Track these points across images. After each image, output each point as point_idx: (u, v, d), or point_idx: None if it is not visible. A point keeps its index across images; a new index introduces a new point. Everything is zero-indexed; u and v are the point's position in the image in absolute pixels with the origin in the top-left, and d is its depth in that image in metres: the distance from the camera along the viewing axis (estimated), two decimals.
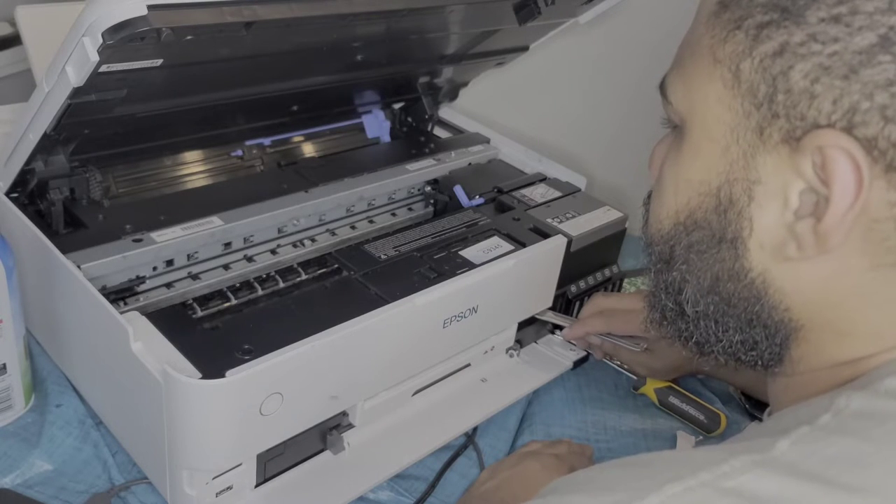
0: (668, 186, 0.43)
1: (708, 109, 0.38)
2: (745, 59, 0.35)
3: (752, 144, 0.37)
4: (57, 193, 0.71)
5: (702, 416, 0.80)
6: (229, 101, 0.76)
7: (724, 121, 0.38)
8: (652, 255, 0.47)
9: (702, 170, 0.40)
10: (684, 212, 0.42)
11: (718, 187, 0.39)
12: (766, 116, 0.36)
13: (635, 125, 1.14)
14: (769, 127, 0.36)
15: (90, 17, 0.51)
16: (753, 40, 0.34)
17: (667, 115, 0.44)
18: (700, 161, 0.40)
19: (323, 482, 0.67)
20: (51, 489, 0.64)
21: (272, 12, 0.57)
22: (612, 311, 0.79)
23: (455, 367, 0.77)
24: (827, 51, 0.32)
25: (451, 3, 0.71)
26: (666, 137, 0.47)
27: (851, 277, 0.38)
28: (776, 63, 0.34)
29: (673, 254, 0.43)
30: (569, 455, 0.70)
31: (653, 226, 0.46)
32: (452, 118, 1.05)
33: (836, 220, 0.35)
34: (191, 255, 0.73)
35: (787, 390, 0.44)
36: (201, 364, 0.57)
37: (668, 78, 0.43)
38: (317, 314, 0.64)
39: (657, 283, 0.46)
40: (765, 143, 0.36)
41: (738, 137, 0.37)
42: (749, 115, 0.36)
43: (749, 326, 0.42)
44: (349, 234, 0.85)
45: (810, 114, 0.34)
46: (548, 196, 0.88)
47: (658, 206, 0.45)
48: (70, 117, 0.61)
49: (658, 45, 1.08)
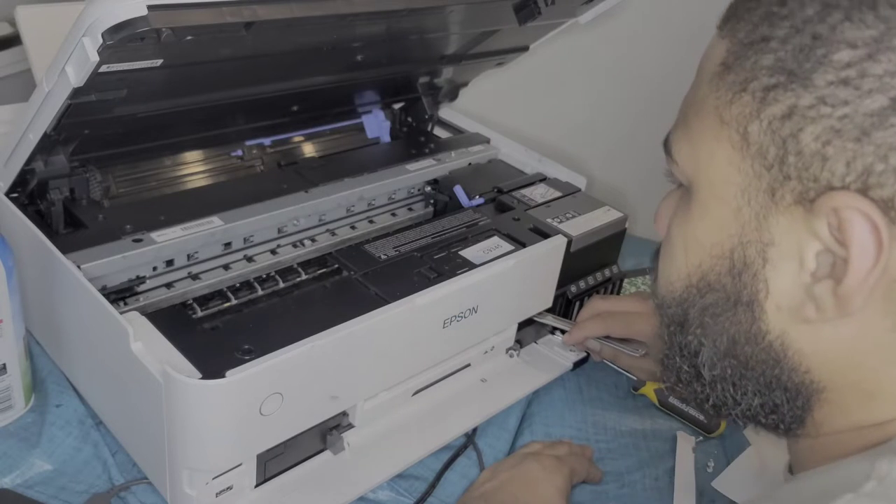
0: (678, 248, 0.42)
1: (716, 170, 0.38)
2: (752, 121, 0.34)
3: (763, 206, 0.36)
4: (57, 193, 0.71)
5: (702, 417, 0.80)
6: (229, 102, 0.76)
7: (734, 182, 0.37)
8: (664, 316, 0.45)
9: (713, 231, 0.39)
10: (696, 274, 0.41)
11: (731, 249, 0.38)
12: (777, 178, 0.35)
13: (635, 125, 1.14)
14: (781, 188, 0.35)
15: (90, 18, 0.51)
16: (760, 103, 0.34)
17: (671, 173, 0.43)
18: (710, 222, 0.39)
19: (323, 482, 0.67)
20: (51, 489, 0.64)
21: (272, 12, 0.57)
22: (610, 313, 0.79)
23: (455, 367, 0.78)
24: (837, 114, 0.31)
25: (451, 3, 0.71)
26: (671, 193, 0.45)
27: (874, 338, 0.37)
28: (785, 125, 0.33)
29: (687, 317, 0.42)
30: (569, 456, 0.70)
31: (663, 287, 0.45)
32: (452, 118, 1.05)
33: (856, 282, 0.34)
34: (191, 255, 0.73)
35: (813, 452, 0.43)
36: (201, 364, 0.57)
37: (672, 136, 0.42)
38: (317, 314, 0.64)
39: (671, 345, 0.45)
40: (777, 205, 0.35)
41: (749, 199, 0.36)
42: (760, 177, 0.36)
43: (769, 389, 0.40)
44: (349, 234, 0.85)
45: (823, 175, 0.33)
46: (548, 196, 0.88)
47: (668, 266, 0.44)
48: (70, 117, 0.61)
49: (658, 45, 1.08)
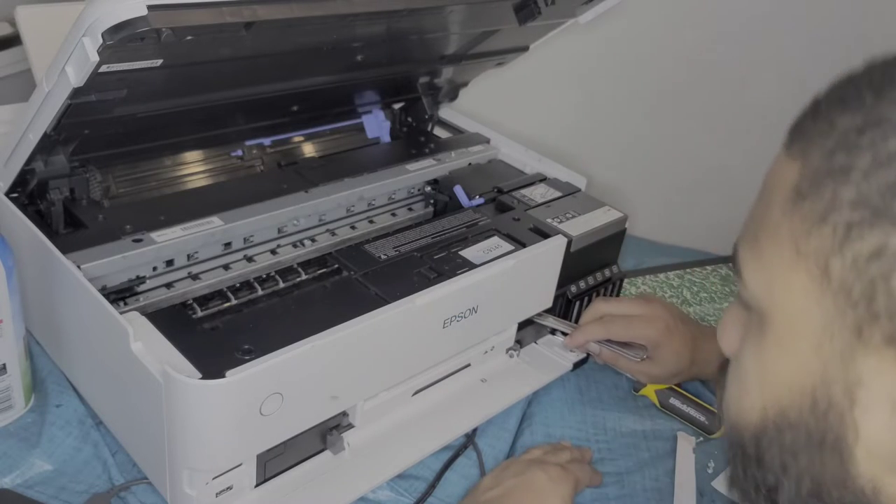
0: (752, 377, 0.39)
1: (793, 302, 0.34)
2: (834, 255, 0.31)
3: (849, 344, 0.33)
4: (57, 193, 0.71)
5: (703, 418, 0.80)
6: (229, 102, 0.76)
7: (814, 316, 0.34)
8: (734, 443, 0.41)
9: (791, 366, 0.36)
10: (773, 408, 0.37)
11: (813, 387, 0.35)
12: (864, 317, 0.32)
13: (636, 125, 1.14)
14: (869, 327, 0.32)
15: (90, 18, 0.51)
16: (844, 238, 0.31)
17: (739, 292, 0.39)
18: (788, 357, 0.36)
19: (323, 482, 0.67)
20: (51, 489, 0.64)
21: (272, 12, 0.57)
22: (612, 316, 0.79)
23: (455, 367, 0.77)
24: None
25: (451, 3, 0.71)
26: (734, 309, 0.42)
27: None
28: (873, 265, 0.30)
29: (764, 454, 0.39)
30: (573, 464, 0.70)
31: (735, 413, 0.41)
32: (452, 118, 1.05)
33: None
34: (191, 256, 0.73)
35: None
36: (201, 364, 0.57)
37: (741, 255, 0.39)
38: (317, 314, 0.64)
39: (745, 476, 0.40)
40: (865, 345, 0.32)
41: (831, 335, 0.33)
42: (843, 314, 0.32)
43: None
44: (349, 234, 0.85)
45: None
46: (548, 196, 0.88)
47: (741, 395, 0.40)
48: (70, 117, 0.61)
49: (657, 45, 1.08)
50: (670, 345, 0.76)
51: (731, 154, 1.11)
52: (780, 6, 1.01)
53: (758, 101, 1.06)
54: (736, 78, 1.06)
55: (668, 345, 0.76)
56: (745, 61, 1.05)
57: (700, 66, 1.07)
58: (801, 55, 1.03)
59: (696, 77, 1.08)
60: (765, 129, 1.08)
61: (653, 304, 0.77)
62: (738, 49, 1.05)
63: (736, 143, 1.10)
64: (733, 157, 1.11)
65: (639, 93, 1.12)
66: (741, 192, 1.17)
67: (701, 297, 1.03)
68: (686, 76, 1.08)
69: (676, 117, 1.11)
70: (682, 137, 1.12)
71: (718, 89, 1.08)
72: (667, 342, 0.76)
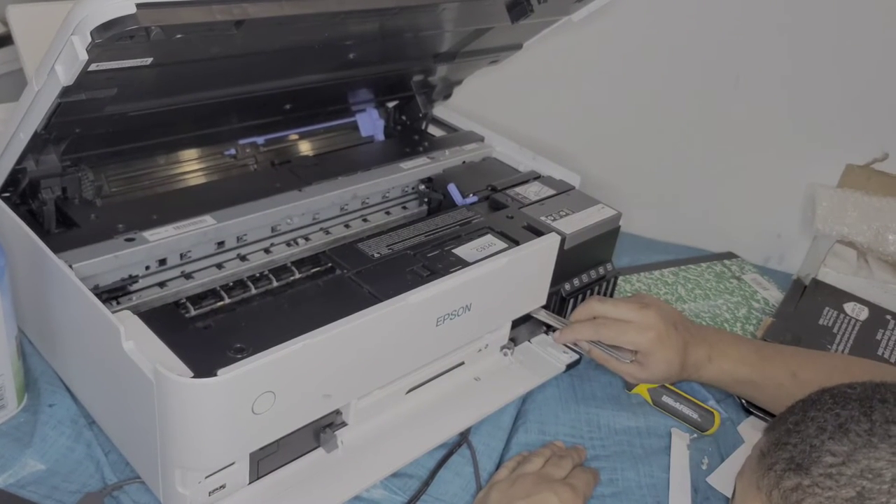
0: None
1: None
2: (774, 489, 0.47)
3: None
4: (49, 193, 0.71)
5: (696, 415, 0.80)
6: (222, 100, 0.75)
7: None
8: None
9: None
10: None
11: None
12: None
13: (629, 123, 1.14)
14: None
15: (79, 16, 0.51)
16: (779, 479, 0.47)
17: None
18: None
19: (316, 480, 0.67)
20: (43, 489, 0.64)
21: (262, 10, 0.56)
22: (604, 318, 0.78)
23: (449, 365, 0.77)
24: (826, 494, 0.44)
25: (443, 1, 0.71)
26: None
27: None
28: (794, 495, 0.46)
29: None
30: (577, 478, 0.69)
31: None
32: (446, 116, 1.05)
33: None
34: (184, 255, 0.73)
35: None
36: (193, 363, 0.57)
37: (736, 484, 0.54)
38: (310, 313, 0.64)
39: None
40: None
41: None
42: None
43: None
44: (343, 232, 0.85)
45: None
46: (542, 194, 0.88)
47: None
48: (60, 116, 0.61)
49: (650, 43, 1.08)
50: (660, 353, 0.76)
51: (724, 151, 1.11)
52: (773, 3, 1.01)
53: (751, 98, 1.07)
54: (729, 75, 1.06)
55: (658, 353, 0.76)
56: (739, 58, 1.05)
57: (693, 64, 1.07)
58: (794, 52, 1.03)
59: (690, 74, 1.08)
60: (758, 125, 1.09)
61: (647, 310, 0.77)
62: (732, 46, 1.05)
63: (729, 140, 1.10)
64: (727, 154, 1.11)
65: (632, 91, 1.12)
66: (734, 189, 1.18)
67: (695, 294, 1.03)
68: (679, 73, 1.08)
69: (670, 115, 1.11)
70: (676, 135, 1.12)
71: (712, 86, 1.08)
72: (657, 351, 0.76)
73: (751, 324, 0.99)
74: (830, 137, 1.07)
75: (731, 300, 1.03)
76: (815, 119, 1.06)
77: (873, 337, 0.94)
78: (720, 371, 0.78)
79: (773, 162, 1.10)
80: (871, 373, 0.75)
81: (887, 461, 0.44)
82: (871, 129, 1.05)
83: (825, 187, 1.08)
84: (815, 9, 1.00)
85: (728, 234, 1.15)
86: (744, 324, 0.99)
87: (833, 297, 1.01)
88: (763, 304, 1.03)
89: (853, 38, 1.00)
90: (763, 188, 1.12)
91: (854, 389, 0.50)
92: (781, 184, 1.11)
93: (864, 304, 1.00)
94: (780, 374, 0.76)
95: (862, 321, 0.97)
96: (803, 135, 1.07)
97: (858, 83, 1.02)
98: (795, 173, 1.09)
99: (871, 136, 1.05)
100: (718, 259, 1.12)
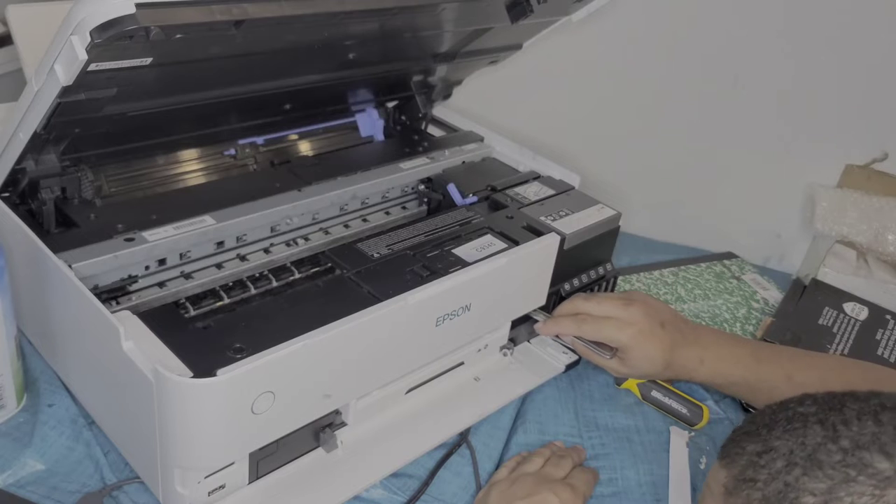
0: None
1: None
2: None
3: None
4: (48, 193, 0.71)
5: (684, 410, 0.80)
6: (221, 100, 0.75)
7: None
8: None
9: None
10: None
11: None
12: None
13: (629, 123, 1.14)
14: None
15: (78, 16, 0.51)
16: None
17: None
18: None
19: (316, 480, 0.67)
20: (43, 489, 0.64)
21: (262, 10, 0.56)
22: (586, 315, 0.78)
23: (448, 365, 0.77)
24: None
25: (442, 1, 0.71)
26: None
27: None
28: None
29: None
30: (576, 478, 0.70)
31: None
32: (446, 116, 1.05)
33: None
34: (183, 255, 0.73)
35: None
36: (192, 363, 0.57)
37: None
38: (309, 313, 0.64)
39: None
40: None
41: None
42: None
43: None
44: (342, 232, 0.85)
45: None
46: (541, 194, 0.88)
47: None
48: (60, 116, 0.61)
49: (650, 42, 1.08)
50: (641, 349, 0.76)
51: (724, 151, 1.11)
52: (773, 3, 1.01)
53: (750, 98, 1.07)
54: (728, 75, 1.06)
55: (639, 349, 0.76)
56: (738, 58, 1.05)
57: (693, 64, 1.07)
58: (794, 52, 1.03)
59: (690, 74, 1.08)
60: (757, 125, 1.09)
61: (630, 307, 0.76)
62: (731, 46, 1.05)
63: (729, 140, 1.10)
64: (726, 154, 1.11)
65: (632, 91, 1.12)
66: (734, 189, 1.18)
67: (695, 294, 1.03)
68: (679, 74, 1.08)
69: (669, 115, 1.11)
70: (676, 135, 1.12)
71: (712, 87, 1.08)
72: (637, 346, 0.76)
73: (750, 324, 0.99)
74: (830, 137, 1.07)
75: (731, 300, 1.03)
76: (814, 119, 1.06)
77: (873, 337, 0.94)
78: (714, 372, 0.78)
79: (772, 162, 1.10)
80: (867, 375, 0.75)
81: (870, 496, 0.41)
82: (871, 129, 1.05)
83: (825, 187, 1.08)
84: (814, 9, 1.00)
85: (728, 234, 1.15)
86: (743, 324, 0.99)
87: (833, 297, 1.01)
88: (763, 304, 1.03)
89: (853, 38, 1.00)
90: (763, 188, 1.12)
91: (809, 408, 0.47)
92: (781, 184, 1.11)
93: (864, 304, 1.00)
94: (775, 376, 0.75)
95: (861, 321, 0.97)
96: (803, 135, 1.07)
97: (858, 83, 1.02)
98: (795, 173, 1.09)
99: (870, 136, 1.05)
100: (718, 259, 1.12)
